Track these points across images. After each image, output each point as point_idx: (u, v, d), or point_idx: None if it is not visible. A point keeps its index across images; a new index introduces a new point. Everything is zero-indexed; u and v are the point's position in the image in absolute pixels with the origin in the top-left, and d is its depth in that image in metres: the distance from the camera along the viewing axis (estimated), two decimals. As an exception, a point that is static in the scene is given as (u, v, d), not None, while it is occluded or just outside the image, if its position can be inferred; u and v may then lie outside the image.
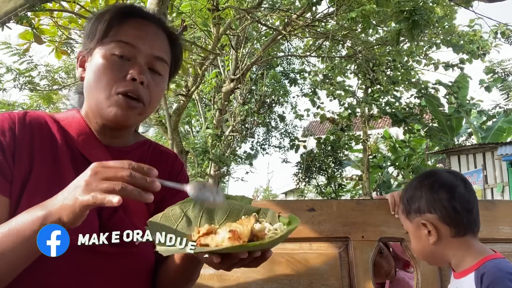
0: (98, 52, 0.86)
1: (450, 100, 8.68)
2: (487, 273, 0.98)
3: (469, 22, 8.13)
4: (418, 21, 5.06)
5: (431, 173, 1.15)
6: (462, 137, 12.27)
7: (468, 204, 1.06)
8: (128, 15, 0.89)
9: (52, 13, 3.90)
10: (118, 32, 0.87)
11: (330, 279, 1.35)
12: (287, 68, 11.98)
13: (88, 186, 0.65)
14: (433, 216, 1.05)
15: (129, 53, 0.85)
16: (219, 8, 5.93)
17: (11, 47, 5.96)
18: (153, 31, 0.90)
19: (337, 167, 11.11)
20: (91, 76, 0.86)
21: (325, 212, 1.42)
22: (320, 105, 9.73)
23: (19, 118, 0.84)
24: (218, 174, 9.48)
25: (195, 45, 5.74)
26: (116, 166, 0.66)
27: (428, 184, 1.08)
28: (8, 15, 1.60)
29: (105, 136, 0.91)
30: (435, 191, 1.06)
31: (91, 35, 0.89)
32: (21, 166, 0.81)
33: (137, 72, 0.84)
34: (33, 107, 8.79)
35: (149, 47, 0.87)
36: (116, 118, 0.86)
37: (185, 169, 1.07)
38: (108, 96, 0.84)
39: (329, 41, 7.51)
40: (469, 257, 1.04)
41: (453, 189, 1.06)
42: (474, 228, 1.06)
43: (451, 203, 1.04)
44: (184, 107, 7.17)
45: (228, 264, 0.72)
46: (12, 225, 0.70)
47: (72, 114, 0.93)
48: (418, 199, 1.08)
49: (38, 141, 0.84)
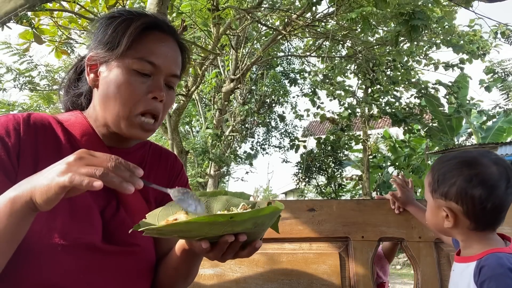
0: (119, 65, 0.87)
1: (450, 100, 8.67)
2: (487, 267, 0.95)
3: (469, 22, 8.14)
4: (417, 25, 5.06)
5: (475, 161, 1.01)
6: (462, 137, 12.26)
7: (501, 206, 0.99)
8: (150, 28, 0.90)
9: (52, 13, 3.91)
10: (140, 48, 0.88)
11: (330, 279, 1.35)
12: (287, 68, 11.98)
13: (68, 168, 0.64)
14: (458, 208, 1.00)
15: (150, 71, 0.88)
16: (219, 8, 5.93)
17: (11, 47, 5.97)
18: (172, 48, 0.92)
19: (337, 167, 11.11)
20: (111, 88, 0.87)
21: (325, 212, 1.42)
22: (320, 105, 9.73)
23: (23, 119, 0.85)
24: (218, 174, 9.48)
25: (195, 45, 5.73)
26: (102, 156, 0.66)
27: (468, 176, 0.99)
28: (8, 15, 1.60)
29: (109, 139, 0.93)
30: (472, 186, 0.98)
31: (109, 44, 0.88)
32: (26, 167, 0.81)
33: (159, 91, 0.88)
34: (33, 107, 8.79)
35: (169, 67, 0.90)
36: (136, 135, 0.89)
37: (184, 170, 1.10)
38: (128, 114, 0.86)
39: (329, 41, 7.51)
40: (477, 246, 1.02)
41: (491, 189, 0.97)
42: (496, 225, 1.02)
43: (483, 203, 0.98)
44: (184, 107, 7.17)
45: (218, 250, 0.74)
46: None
47: (75, 116, 0.94)
48: (450, 185, 1.01)
49: (42, 142, 0.85)
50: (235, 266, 1.38)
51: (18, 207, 0.66)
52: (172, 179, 1.03)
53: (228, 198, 0.86)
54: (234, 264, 1.38)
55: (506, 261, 0.95)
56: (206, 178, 9.88)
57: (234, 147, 11.26)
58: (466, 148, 9.94)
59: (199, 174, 10.22)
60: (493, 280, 0.92)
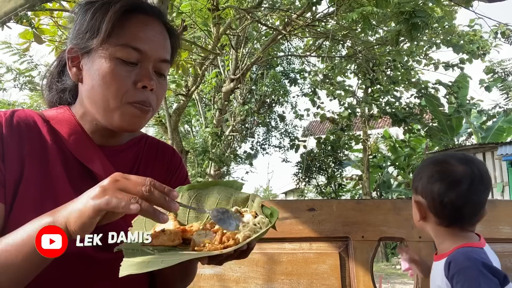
0: (102, 54, 0.80)
1: (450, 100, 8.68)
2: (454, 261, 0.97)
3: (469, 22, 8.15)
4: (418, 23, 5.06)
5: (443, 160, 1.09)
6: (462, 137, 12.26)
7: (465, 204, 1.02)
8: (131, 11, 0.83)
9: (52, 12, 3.90)
10: (123, 33, 0.80)
11: (330, 279, 1.35)
12: (287, 68, 11.97)
13: (104, 191, 0.62)
14: (424, 201, 1.07)
15: (136, 58, 0.81)
16: (219, 8, 5.93)
17: (11, 46, 5.97)
18: (158, 31, 0.85)
19: (337, 167, 11.11)
20: (96, 81, 0.80)
21: (325, 212, 1.42)
22: (320, 105, 9.74)
23: (6, 119, 0.80)
24: (218, 174, 9.47)
25: (195, 45, 5.73)
26: (137, 180, 0.64)
27: (430, 171, 1.07)
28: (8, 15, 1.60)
29: (99, 135, 0.87)
30: (432, 181, 1.05)
31: (89, 33, 0.80)
32: (12, 170, 0.77)
33: (148, 79, 0.81)
34: (33, 106, 8.79)
35: (156, 52, 0.83)
36: (128, 127, 0.83)
37: (183, 164, 1.04)
38: (118, 105, 0.80)
39: (329, 41, 7.51)
40: (448, 243, 1.05)
41: (451, 185, 1.02)
42: (462, 222, 1.05)
43: (441, 198, 1.03)
44: (184, 107, 7.17)
45: (216, 262, 0.72)
46: (18, 235, 0.66)
47: (62, 112, 0.88)
48: (418, 180, 1.09)
49: (28, 143, 0.80)
50: (235, 266, 1.38)
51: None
52: (170, 174, 0.97)
53: (219, 189, 0.84)
54: (234, 264, 1.38)
55: (474, 254, 0.97)
56: (206, 178, 9.88)
57: (234, 147, 11.25)
58: (466, 148, 9.95)
59: (199, 174, 10.22)
60: (461, 274, 0.94)
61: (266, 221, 0.75)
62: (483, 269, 0.92)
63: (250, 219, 0.75)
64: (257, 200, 0.81)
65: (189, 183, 0.87)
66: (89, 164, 0.83)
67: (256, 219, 0.75)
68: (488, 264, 0.94)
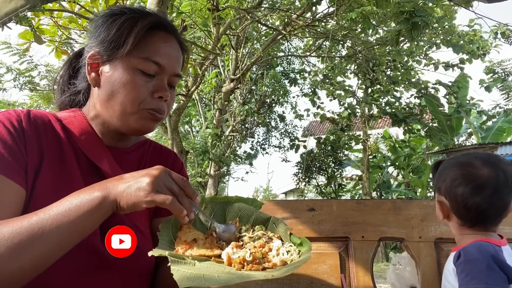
0: (124, 65, 0.87)
1: (450, 100, 8.67)
2: (465, 251, 0.98)
3: (469, 22, 8.13)
4: (418, 22, 5.06)
5: (467, 162, 1.06)
6: (462, 137, 12.25)
7: (488, 205, 1.01)
8: (154, 28, 0.90)
9: (52, 13, 3.91)
10: (146, 48, 0.88)
11: (330, 279, 1.35)
12: (287, 68, 11.97)
13: (152, 185, 0.71)
14: (447, 203, 1.07)
15: (155, 71, 0.89)
16: (219, 8, 5.92)
17: (11, 47, 5.97)
18: (175, 48, 0.93)
19: (337, 167, 11.10)
20: (116, 88, 0.87)
21: (325, 212, 1.42)
22: (320, 105, 9.74)
23: (24, 115, 0.85)
24: (218, 174, 9.46)
25: (195, 45, 5.73)
26: (177, 178, 0.75)
27: (454, 174, 1.06)
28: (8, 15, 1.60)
29: (108, 137, 0.93)
30: (456, 184, 1.04)
31: (114, 43, 0.87)
32: (32, 158, 0.81)
33: (164, 91, 0.90)
34: (33, 107, 8.79)
35: (172, 67, 0.91)
36: (141, 129, 0.90)
37: (184, 169, 1.10)
38: (135, 110, 0.88)
39: (329, 41, 7.50)
40: (467, 238, 1.05)
41: (475, 189, 1.01)
42: (485, 223, 1.04)
43: (465, 201, 1.02)
44: (184, 107, 7.16)
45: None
46: (63, 206, 0.71)
47: (74, 114, 0.94)
48: (442, 181, 1.09)
49: (44, 138, 0.85)
50: (235, 266, 1.38)
51: (105, 205, 0.72)
52: None
53: (240, 206, 0.88)
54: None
55: (489, 248, 0.96)
56: (206, 178, 9.87)
57: (234, 147, 11.25)
58: (466, 148, 9.94)
59: (199, 174, 10.22)
60: (468, 264, 0.95)
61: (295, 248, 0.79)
62: (492, 263, 0.92)
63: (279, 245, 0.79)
64: (284, 228, 0.85)
65: None
66: (98, 162, 0.89)
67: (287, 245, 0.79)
68: (499, 258, 0.93)
